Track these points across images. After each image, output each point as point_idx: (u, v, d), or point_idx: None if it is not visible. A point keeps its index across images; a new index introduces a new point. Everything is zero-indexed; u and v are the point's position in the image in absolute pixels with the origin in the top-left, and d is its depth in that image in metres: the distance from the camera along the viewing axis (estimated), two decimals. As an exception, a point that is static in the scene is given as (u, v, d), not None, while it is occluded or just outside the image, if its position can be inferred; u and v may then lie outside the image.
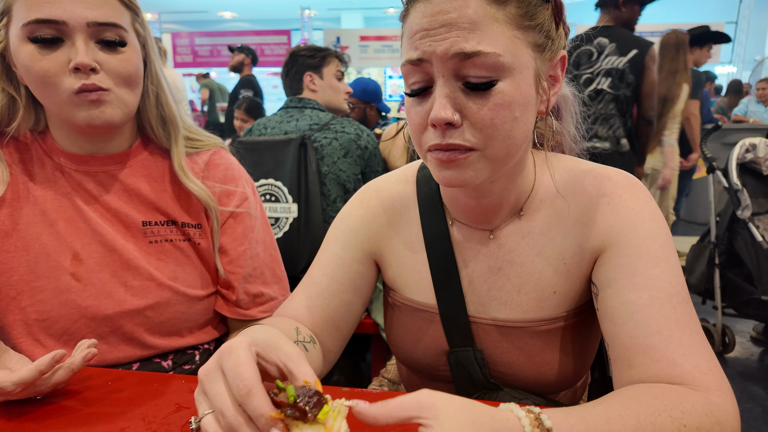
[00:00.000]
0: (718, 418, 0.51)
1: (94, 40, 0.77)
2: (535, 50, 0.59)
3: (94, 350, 0.66)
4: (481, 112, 0.56)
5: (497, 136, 0.58)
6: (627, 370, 0.58)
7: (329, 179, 1.72)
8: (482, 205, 0.70)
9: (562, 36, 0.63)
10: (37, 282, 0.80)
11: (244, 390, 0.42)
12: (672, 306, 0.58)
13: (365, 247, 0.78)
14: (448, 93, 0.57)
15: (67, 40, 0.75)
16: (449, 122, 0.56)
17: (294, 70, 1.89)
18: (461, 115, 0.57)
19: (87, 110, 0.77)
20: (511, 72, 0.56)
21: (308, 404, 0.42)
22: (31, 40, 0.74)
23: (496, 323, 0.71)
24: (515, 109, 0.57)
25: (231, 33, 12.00)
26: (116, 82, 0.79)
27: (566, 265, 0.68)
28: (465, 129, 0.57)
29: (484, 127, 0.57)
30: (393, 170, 0.83)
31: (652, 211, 0.64)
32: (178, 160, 0.89)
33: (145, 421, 0.61)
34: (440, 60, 0.56)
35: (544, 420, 0.46)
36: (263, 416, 0.42)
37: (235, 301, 0.94)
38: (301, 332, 0.69)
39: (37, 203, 0.83)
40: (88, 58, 0.75)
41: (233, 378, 0.43)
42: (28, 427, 0.59)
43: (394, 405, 0.42)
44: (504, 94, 0.56)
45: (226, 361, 0.45)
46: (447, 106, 0.56)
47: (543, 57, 0.60)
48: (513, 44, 0.56)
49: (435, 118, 0.56)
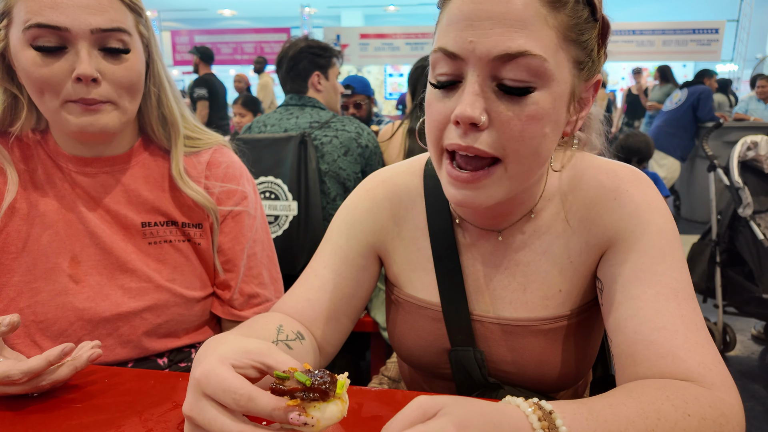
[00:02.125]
0: (723, 410, 0.50)
1: (98, 48, 0.75)
2: (575, 67, 0.56)
3: (99, 351, 0.66)
4: (512, 121, 0.53)
5: (523, 152, 0.54)
6: (630, 367, 0.57)
7: (329, 177, 1.71)
8: (492, 210, 0.68)
9: (602, 60, 0.60)
10: (35, 283, 0.80)
11: (244, 399, 0.42)
12: (677, 302, 0.57)
13: (369, 240, 0.76)
14: (479, 92, 0.53)
15: (70, 48, 0.74)
16: (475, 122, 0.53)
17: (302, 66, 1.82)
18: (489, 118, 0.53)
19: (80, 117, 0.76)
20: (550, 82, 0.53)
21: (324, 383, 0.43)
22: (33, 47, 0.72)
23: (501, 322, 0.70)
24: (546, 124, 0.54)
25: (231, 31, 11.98)
26: (118, 92, 0.78)
27: (572, 264, 0.67)
28: (490, 135, 0.54)
29: (512, 139, 0.54)
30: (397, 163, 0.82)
31: (659, 206, 0.63)
32: (177, 166, 0.88)
33: (141, 419, 0.60)
34: (479, 60, 0.52)
35: (545, 405, 0.45)
36: (276, 409, 0.41)
37: (230, 300, 0.93)
38: (284, 330, 0.66)
39: (38, 204, 0.82)
40: (91, 68, 0.73)
41: (225, 394, 0.42)
42: (23, 423, 0.59)
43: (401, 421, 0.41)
44: (539, 105, 0.53)
45: (207, 387, 0.43)
46: (476, 105, 0.52)
47: (581, 76, 0.58)
48: (558, 54, 0.53)
49: (460, 114, 0.52)
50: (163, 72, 0.88)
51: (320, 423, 0.42)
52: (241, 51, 11.66)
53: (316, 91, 1.85)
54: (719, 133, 4.40)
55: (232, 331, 0.64)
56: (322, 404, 0.43)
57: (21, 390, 0.61)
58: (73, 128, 0.76)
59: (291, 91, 1.85)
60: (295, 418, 0.41)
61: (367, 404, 0.64)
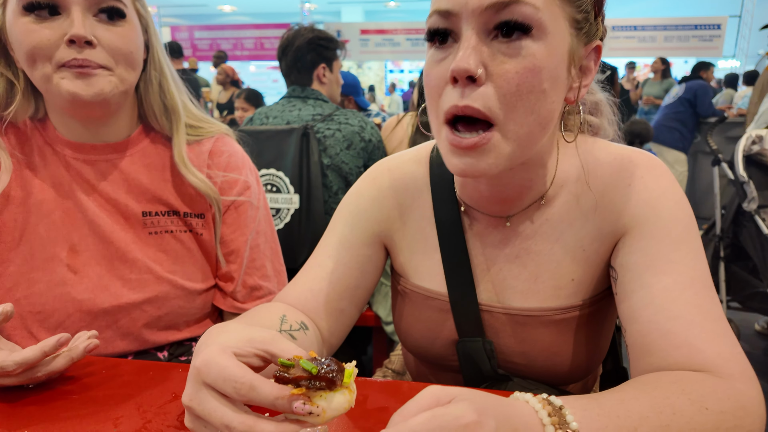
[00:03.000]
0: (742, 403, 0.48)
1: (92, 13, 0.73)
2: (572, 25, 0.55)
3: (95, 341, 0.64)
4: (508, 74, 0.52)
5: (520, 107, 0.53)
6: (645, 357, 0.55)
7: (331, 171, 1.69)
8: (501, 194, 0.66)
9: (600, 27, 0.60)
10: (33, 274, 0.78)
11: (245, 387, 0.40)
12: (694, 291, 0.55)
13: (375, 229, 0.74)
14: (475, 45, 0.52)
15: (63, 12, 0.72)
16: (471, 75, 0.51)
17: (308, 58, 1.76)
18: (486, 72, 0.52)
19: (72, 82, 0.72)
20: (545, 34, 0.52)
21: (331, 372, 0.41)
22: (26, 9, 0.71)
23: (511, 312, 0.68)
24: (544, 79, 0.53)
25: (230, 27, 11.94)
26: (115, 59, 0.75)
27: (585, 252, 0.65)
28: (487, 90, 0.52)
29: (509, 93, 0.52)
30: None
31: (675, 193, 0.61)
32: (179, 151, 0.86)
33: (140, 411, 0.58)
34: (472, 13, 0.51)
35: (554, 400, 0.43)
36: (281, 397, 0.39)
37: (232, 292, 0.91)
38: (287, 320, 0.65)
39: (36, 193, 0.80)
40: (84, 30, 0.71)
41: (225, 383, 0.40)
42: (19, 415, 0.57)
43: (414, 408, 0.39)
44: (534, 56, 0.52)
45: (207, 376, 0.41)
46: (471, 58, 0.51)
47: (579, 36, 0.56)
48: (552, 7, 0.52)
49: (456, 68, 0.51)
50: (163, 59, 0.86)
51: (326, 413, 0.40)
52: (241, 47, 11.63)
53: (320, 83, 1.82)
54: (721, 129, 4.38)
55: (235, 320, 0.62)
56: (328, 393, 0.40)
57: (16, 381, 0.60)
58: (66, 95, 0.73)
59: (295, 82, 1.81)
60: (300, 408, 0.39)
61: (373, 396, 0.62)
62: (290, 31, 1.80)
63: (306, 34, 1.77)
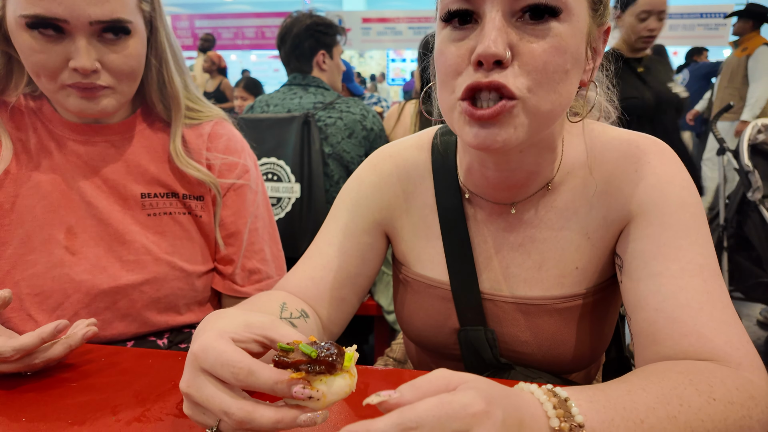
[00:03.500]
0: (751, 392, 0.47)
1: (98, 34, 0.72)
2: (590, 6, 0.55)
3: (94, 329, 0.63)
4: (535, 52, 0.50)
5: (545, 85, 0.51)
6: (651, 346, 0.54)
7: (332, 160, 1.67)
8: (508, 180, 0.64)
9: (610, 9, 0.59)
10: (30, 255, 0.78)
11: (243, 372, 0.39)
12: (703, 278, 0.54)
13: (376, 217, 0.73)
14: (501, 27, 0.50)
15: (68, 35, 0.71)
16: (500, 59, 0.50)
17: (307, 45, 1.74)
18: (512, 54, 0.51)
19: (79, 101, 0.74)
20: (570, 15, 0.51)
21: (331, 356, 0.40)
22: (30, 27, 0.69)
23: (515, 300, 0.67)
24: (568, 60, 0.52)
25: (231, 15, 11.85)
26: (118, 79, 0.76)
27: (590, 240, 0.64)
28: (513, 70, 0.51)
29: (535, 70, 0.51)
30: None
31: (683, 179, 0.60)
32: (174, 144, 0.85)
33: (139, 398, 0.58)
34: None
35: (559, 392, 0.43)
36: (279, 382, 0.38)
37: (231, 275, 0.91)
38: (287, 308, 0.64)
39: (31, 175, 0.79)
40: (90, 61, 0.71)
41: (223, 368, 0.40)
42: (16, 402, 0.56)
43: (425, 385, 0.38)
44: (561, 37, 0.51)
45: (204, 361, 0.41)
46: (498, 41, 0.49)
47: (595, 18, 0.56)
48: None
49: (485, 53, 0.49)
50: (166, 42, 0.84)
51: (326, 397, 0.39)
52: (242, 36, 11.54)
53: (320, 70, 1.80)
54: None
55: (234, 307, 0.61)
56: (328, 378, 0.39)
57: (13, 368, 0.59)
58: (72, 109, 0.75)
59: (295, 69, 1.79)
60: (299, 392, 0.38)
61: (374, 384, 0.61)
62: (289, 18, 1.78)
63: (304, 20, 1.74)
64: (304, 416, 0.39)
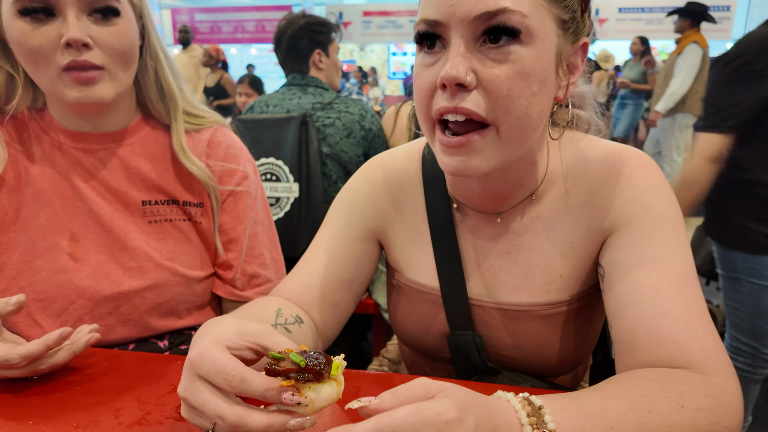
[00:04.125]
0: (720, 399, 0.50)
1: (87, 13, 0.74)
2: (559, 26, 0.56)
3: (96, 335, 0.66)
4: (498, 79, 0.52)
5: (512, 111, 0.53)
6: (630, 353, 0.57)
7: (331, 160, 1.69)
8: (491, 192, 0.67)
9: (587, 24, 0.60)
10: (35, 262, 0.80)
11: (236, 380, 0.42)
12: (680, 288, 0.56)
13: (369, 225, 0.76)
14: (464, 53, 0.53)
15: (58, 14, 0.72)
16: (461, 83, 0.52)
17: (302, 45, 1.77)
18: (476, 79, 0.53)
19: (76, 88, 0.75)
20: (533, 39, 0.53)
21: (319, 365, 0.42)
22: (21, 13, 0.71)
23: (501, 307, 0.70)
24: (534, 82, 0.53)
25: (231, 9, 11.80)
26: (112, 59, 0.76)
27: (574, 249, 0.66)
28: (478, 95, 0.53)
29: (500, 98, 0.53)
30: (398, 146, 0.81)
31: (664, 191, 0.62)
32: (177, 138, 0.87)
33: (140, 402, 0.60)
34: (460, 23, 0.52)
35: (534, 400, 0.45)
36: (270, 389, 0.41)
37: (231, 280, 0.93)
38: (282, 314, 0.67)
39: (35, 182, 0.81)
40: (80, 33, 0.72)
41: (217, 376, 0.42)
42: (23, 405, 0.59)
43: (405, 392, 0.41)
44: (524, 62, 0.52)
45: (200, 368, 0.43)
46: (460, 65, 0.52)
47: (566, 36, 0.57)
48: (539, 11, 0.53)
49: (446, 76, 0.52)
50: (158, 44, 0.86)
51: (314, 404, 0.42)
52: (242, 29, 11.51)
53: (317, 69, 1.82)
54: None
55: (231, 314, 0.64)
56: (316, 385, 0.42)
57: (20, 373, 0.62)
58: (70, 99, 0.76)
59: (293, 70, 1.81)
60: (289, 398, 0.41)
61: (366, 387, 0.64)
62: (283, 20, 1.80)
63: (298, 21, 1.77)
64: (293, 421, 0.42)
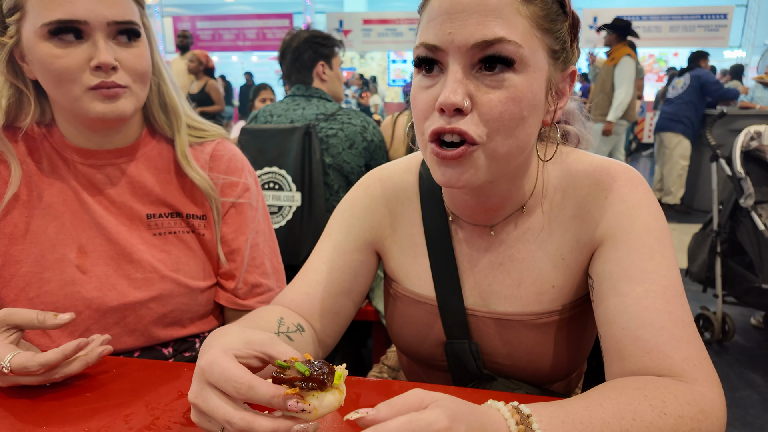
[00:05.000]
0: (702, 406, 0.52)
1: (113, 36, 0.78)
2: (550, 55, 0.59)
3: (109, 347, 0.69)
4: (491, 102, 0.56)
5: (501, 132, 0.57)
6: (618, 362, 0.59)
7: (333, 170, 1.72)
8: (484, 204, 0.70)
9: (576, 52, 0.64)
10: (44, 274, 0.82)
11: (244, 387, 0.44)
12: (665, 299, 0.59)
13: (367, 236, 0.79)
14: (461, 79, 0.56)
15: (86, 38, 0.76)
16: (458, 108, 0.55)
17: (307, 56, 1.82)
18: (471, 103, 0.56)
19: (102, 104, 0.78)
20: (526, 67, 0.56)
21: (322, 374, 0.45)
22: (51, 34, 0.74)
23: (495, 316, 0.72)
24: (524, 107, 0.57)
25: (233, 17, 11.89)
26: (133, 78, 0.81)
27: (564, 260, 0.69)
28: (472, 119, 0.57)
29: (491, 120, 0.56)
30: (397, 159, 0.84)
31: (649, 204, 0.64)
32: (181, 148, 0.90)
33: (148, 408, 0.62)
34: (458, 50, 0.55)
35: (523, 409, 0.48)
36: (276, 396, 0.44)
37: (233, 290, 0.95)
38: (285, 322, 0.69)
39: (45, 197, 0.84)
40: (110, 57, 0.76)
41: (226, 383, 0.45)
42: (38, 409, 0.62)
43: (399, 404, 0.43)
44: (516, 88, 0.56)
45: (210, 375, 0.46)
46: (458, 91, 0.55)
47: (556, 65, 0.60)
48: (532, 41, 0.56)
49: (444, 102, 0.55)
50: (160, 61, 0.90)
51: (318, 411, 0.45)
52: (243, 37, 11.59)
53: (321, 81, 1.86)
54: (725, 121, 4.38)
55: (236, 322, 0.67)
56: (320, 393, 0.45)
57: (35, 381, 0.64)
58: (94, 115, 0.79)
59: (297, 81, 1.85)
60: (293, 405, 0.44)
61: (365, 394, 0.66)
62: (288, 35, 1.87)
63: (302, 35, 1.83)
64: (297, 427, 0.44)
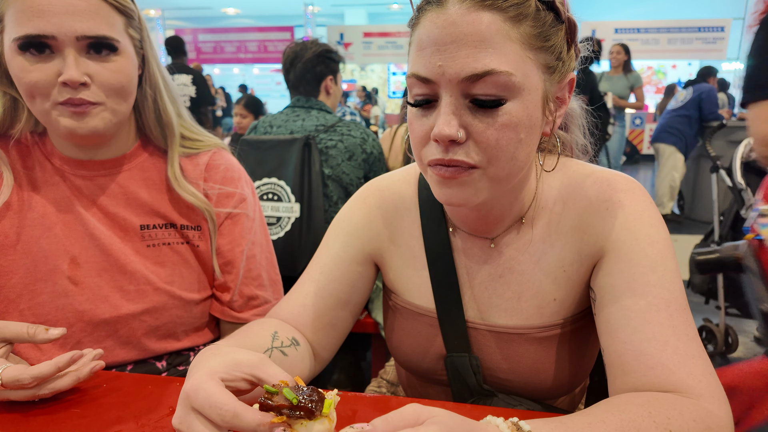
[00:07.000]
0: (708, 423, 0.50)
1: (85, 51, 0.76)
2: (545, 72, 0.58)
3: (101, 363, 0.67)
4: (487, 131, 0.55)
5: (501, 157, 0.57)
6: (621, 377, 0.58)
7: (332, 181, 1.72)
8: (483, 217, 0.69)
9: (573, 58, 0.62)
10: (35, 285, 0.81)
11: (229, 414, 0.43)
12: (669, 313, 0.57)
13: (365, 248, 0.77)
14: (454, 110, 0.55)
15: (57, 53, 0.74)
16: (453, 139, 0.55)
17: (319, 70, 1.81)
18: (466, 133, 0.56)
19: (70, 119, 0.76)
20: (520, 92, 0.55)
21: (311, 402, 0.43)
22: (21, 48, 0.73)
23: (496, 329, 0.71)
24: (521, 131, 0.56)
25: (234, 29, 12.01)
26: (107, 94, 0.78)
27: (566, 273, 0.68)
28: (469, 147, 0.56)
29: (489, 147, 0.56)
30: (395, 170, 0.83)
31: (651, 216, 0.63)
32: (172, 169, 0.88)
33: (139, 424, 0.61)
34: (449, 83, 0.55)
35: (523, 425, 0.46)
36: (262, 424, 0.42)
37: (229, 302, 0.94)
38: (279, 336, 0.68)
39: (38, 207, 0.83)
40: (78, 72, 0.74)
41: (211, 410, 0.44)
42: (26, 425, 0.60)
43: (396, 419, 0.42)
44: (511, 115, 0.55)
45: (195, 401, 0.45)
46: (452, 123, 0.55)
47: (552, 79, 0.59)
48: (524, 64, 0.55)
49: (439, 134, 0.55)
50: (158, 72, 0.88)
51: None
52: (244, 50, 11.68)
53: (326, 94, 1.86)
54: (724, 132, 4.39)
55: (228, 338, 0.65)
56: (308, 422, 0.43)
57: (25, 396, 0.62)
58: (63, 131, 0.77)
59: (304, 93, 1.85)
60: None
61: (362, 410, 0.64)
62: (296, 45, 1.85)
63: (313, 48, 1.82)
64: None
